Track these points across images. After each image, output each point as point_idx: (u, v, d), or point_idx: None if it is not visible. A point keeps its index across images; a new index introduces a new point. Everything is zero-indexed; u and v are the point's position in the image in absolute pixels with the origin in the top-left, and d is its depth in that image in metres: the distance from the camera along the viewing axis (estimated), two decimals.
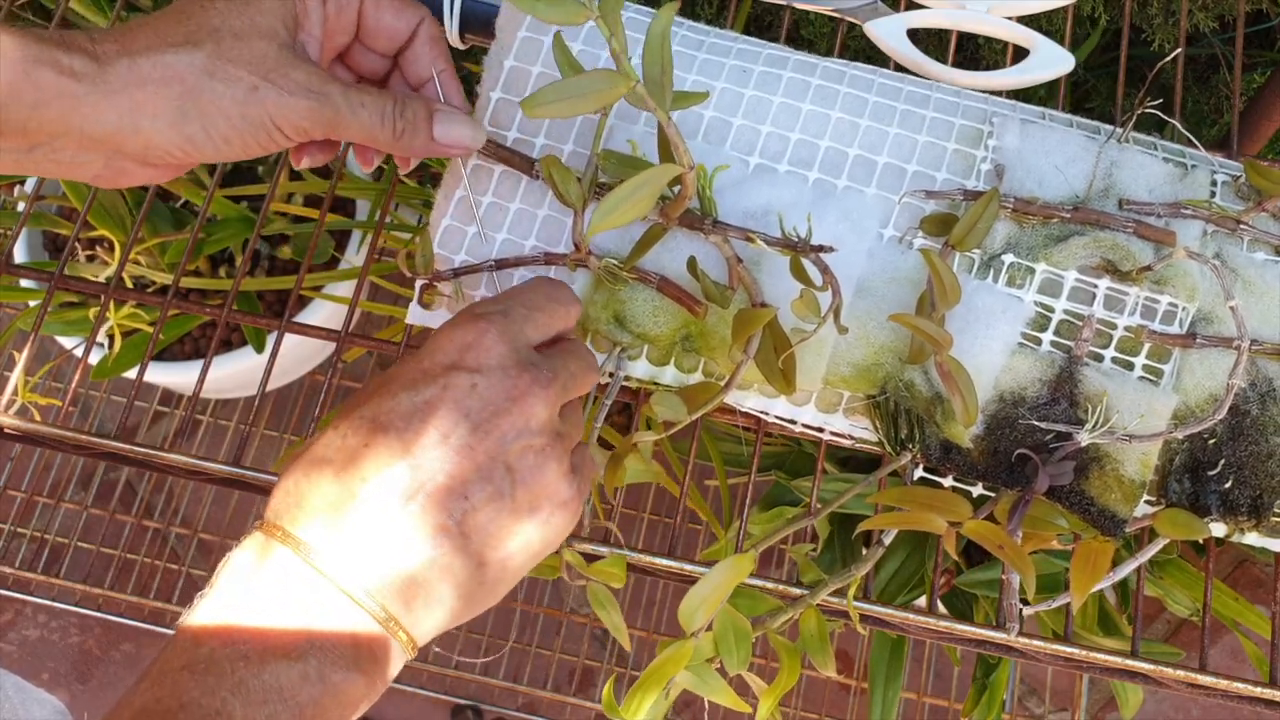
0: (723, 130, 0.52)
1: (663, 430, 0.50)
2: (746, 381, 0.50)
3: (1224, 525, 0.50)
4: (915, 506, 0.48)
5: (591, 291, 0.51)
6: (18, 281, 1.03)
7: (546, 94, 0.41)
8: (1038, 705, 1.30)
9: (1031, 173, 0.51)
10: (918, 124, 0.52)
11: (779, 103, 0.53)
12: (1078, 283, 0.49)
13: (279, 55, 0.45)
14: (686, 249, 0.50)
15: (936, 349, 0.45)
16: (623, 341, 0.51)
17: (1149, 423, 0.48)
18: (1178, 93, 0.61)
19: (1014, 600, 0.48)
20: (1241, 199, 0.52)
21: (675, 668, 0.48)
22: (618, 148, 0.51)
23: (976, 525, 0.47)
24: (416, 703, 1.32)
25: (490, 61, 0.54)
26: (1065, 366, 0.49)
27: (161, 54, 0.43)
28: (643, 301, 0.50)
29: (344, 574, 0.38)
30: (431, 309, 0.53)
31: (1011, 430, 0.49)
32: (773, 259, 0.50)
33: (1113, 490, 0.48)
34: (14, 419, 0.55)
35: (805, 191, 0.51)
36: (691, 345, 0.51)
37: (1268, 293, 0.50)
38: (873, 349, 0.50)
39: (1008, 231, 0.50)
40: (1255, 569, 1.32)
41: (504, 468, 0.40)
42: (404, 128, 0.47)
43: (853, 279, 0.50)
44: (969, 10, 0.59)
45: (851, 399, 0.51)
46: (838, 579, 0.50)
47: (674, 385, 0.52)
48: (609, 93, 0.41)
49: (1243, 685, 0.50)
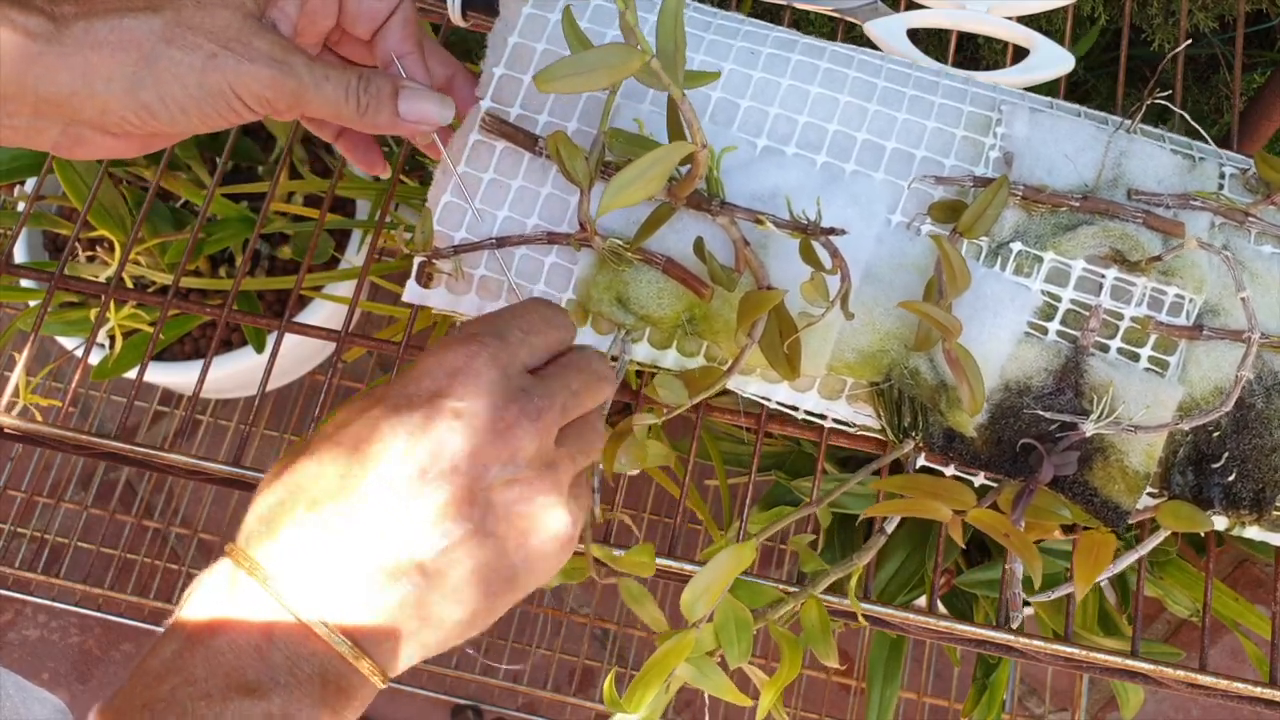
0: (730, 112, 0.52)
1: (663, 414, 0.49)
2: (749, 366, 0.50)
3: (1226, 518, 0.50)
4: (919, 494, 0.47)
5: (595, 272, 0.50)
6: (18, 281, 1.03)
7: (559, 68, 0.40)
8: (1038, 705, 1.30)
9: (1040, 161, 0.51)
10: (926, 110, 0.52)
11: (787, 85, 0.52)
12: (1085, 272, 0.49)
13: (242, 24, 0.44)
14: (693, 230, 0.49)
15: (945, 336, 0.45)
16: (625, 323, 0.50)
17: (1154, 414, 0.48)
18: (1178, 93, 0.61)
19: (1017, 591, 0.48)
20: (1250, 192, 0.52)
21: (677, 659, 0.47)
22: (623, 126, 0.51)
23: (981, 513, 0.46)
24: (416, 703, 1.32)
25: (494, 38, 0.54)
26: (1071, 356, 0.49)
27: (120, 18, 0.42)
28: (647, 283, 0.50)
29: (309, 607, 0.36)
30: (430, 287, 0.52)
31: (1016, 419, 0.48)
32: (780, 242, 0.49)
33: (1116, 481, 0.48)
34: (14, 419, 0.55)
35: (813, 175, 0.51)
36: (695, 328, 0.50)
37: (1274, 285, 0.50)
38: (878, 335, 0.49)
39: (1016, 219, 0.50)
40: (1255, 569, 1.32)
41: (484, 503, 0.38)
42: (368, 102, 0.47)
43: (861, 263, 0.49)
44: (969, 10, 0.59)
45: (855, 386, 0.50)
46: (839, 568, 0.50)
47: (676, 369, 0.51)
48: (622, 67, 0.40)
49: (1243, 685, 0.50)
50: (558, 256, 0.51)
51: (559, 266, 0.51)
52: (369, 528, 0.37)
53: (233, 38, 0.43)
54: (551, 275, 0.51)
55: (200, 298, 1.02)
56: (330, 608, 0.36)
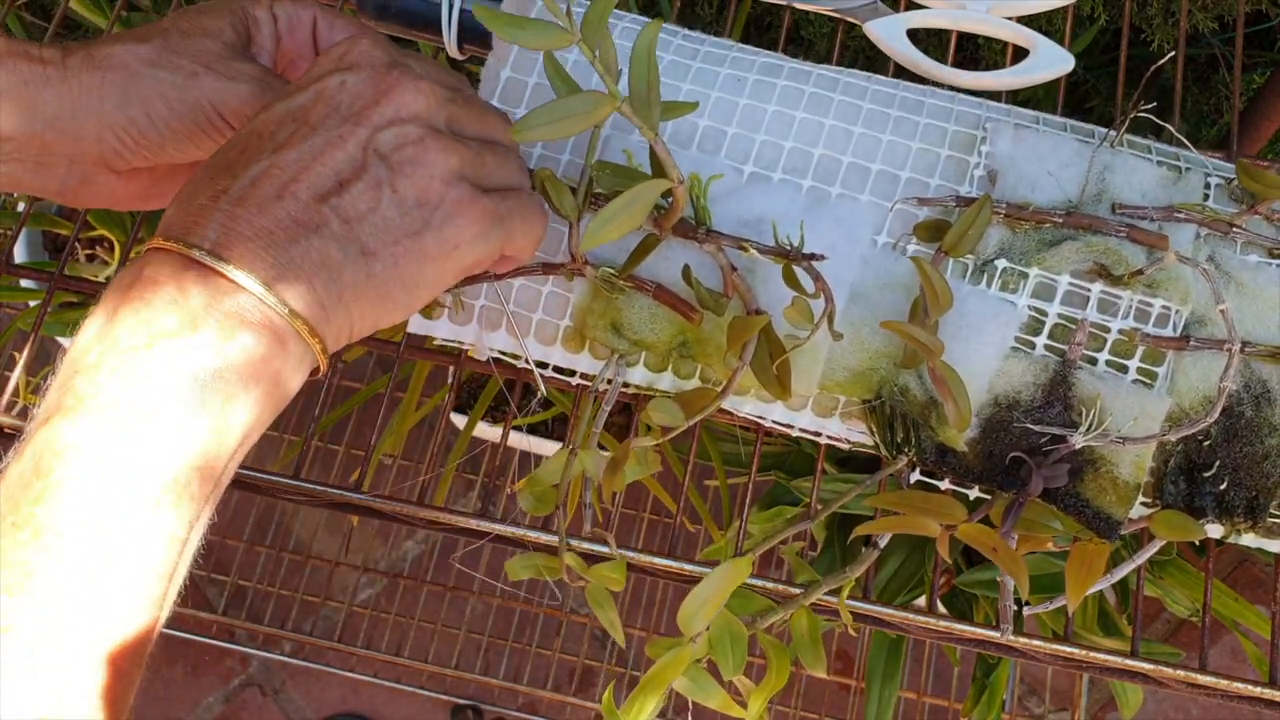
0: (717, 139, 0.53)
1: (660, 435, 0.50)
2: (743, 387, 0.51)
3: (1220, 526, 0.50)
4: (910, 510, 0.48)
5: (590, 299, 0.52)
6: (18, 281, 1.04)
7: (534, 118, 0.41)
8: (1038, 705, 1.30)
9: (1025, 178, 0.51)
10: (911, 130, 0.53)
11: (773, 110, 0.53)
12: (1071, 287, 0.49)
13: (224, 50, 0.47)
14: (681, 257, 0.50)
15: (928, 356, 0.46)
16: (620, 348, 0.51)
17: (1143, 425, 0.48)
18: (1177, 93, 0.61)
19: (1008, 603, 0.48)
20: (1235, 202, 0.52)
21: (674, 672, 0.48)
22: (614, 156, 0.52)
23: (970, 528, 0.47)
24: (417, 703, 1.33)
25: (487, 73, 0.55)
26: (1059, 370, 0.49)
27: (113, 45, 0.46)
28: (639, 309, 0.51)
29: (227, 266, 0.37)
30: (432, 318, 0.53)
31: (1006, 433, 0.49)
32: (767, 266, 0.50)
33: (1108, 493, 0.48)
34: (14, 419, 0.55)
35: (799, 199, 0.51)
36: (688, 351, 0.51)
37: (1261, 295, 0.50)
38: (867, 354, 0.50)
39: (1001, 237, 0.50)
40: (1255, 569, 1.32)
41: (377, 157, 0.40)
42: None
43: (847, 285, 0.50)
44: (969, 10, 0.59)
45: (848, 403, 0.51)
46: (832, 580, 0.50)
47: (671, 391, 0.52)
48: (596, 113, 0.42)
49: (1243, 685, 0.50)
50: (554, 285, 0.52)
51: (556, 295, 0.52)
52: (271, 189, 0.38)
53: (214, 60, 0.46)
54: (549, 303, 0.52)
55: None
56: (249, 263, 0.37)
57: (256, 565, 1.33)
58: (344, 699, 1.34)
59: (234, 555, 1.35)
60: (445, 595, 1.31)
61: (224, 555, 1.37)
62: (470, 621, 1.30)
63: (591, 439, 0.51)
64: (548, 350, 0.53)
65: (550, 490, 0.51)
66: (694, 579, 0.53)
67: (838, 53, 0.61)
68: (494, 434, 1.21)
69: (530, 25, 0.41)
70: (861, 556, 0.51)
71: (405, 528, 1.35)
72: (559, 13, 0.41)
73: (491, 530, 0.54)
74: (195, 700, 1.35)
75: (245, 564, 1.33)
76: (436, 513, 0.54)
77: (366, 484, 0.55)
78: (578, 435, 0.51)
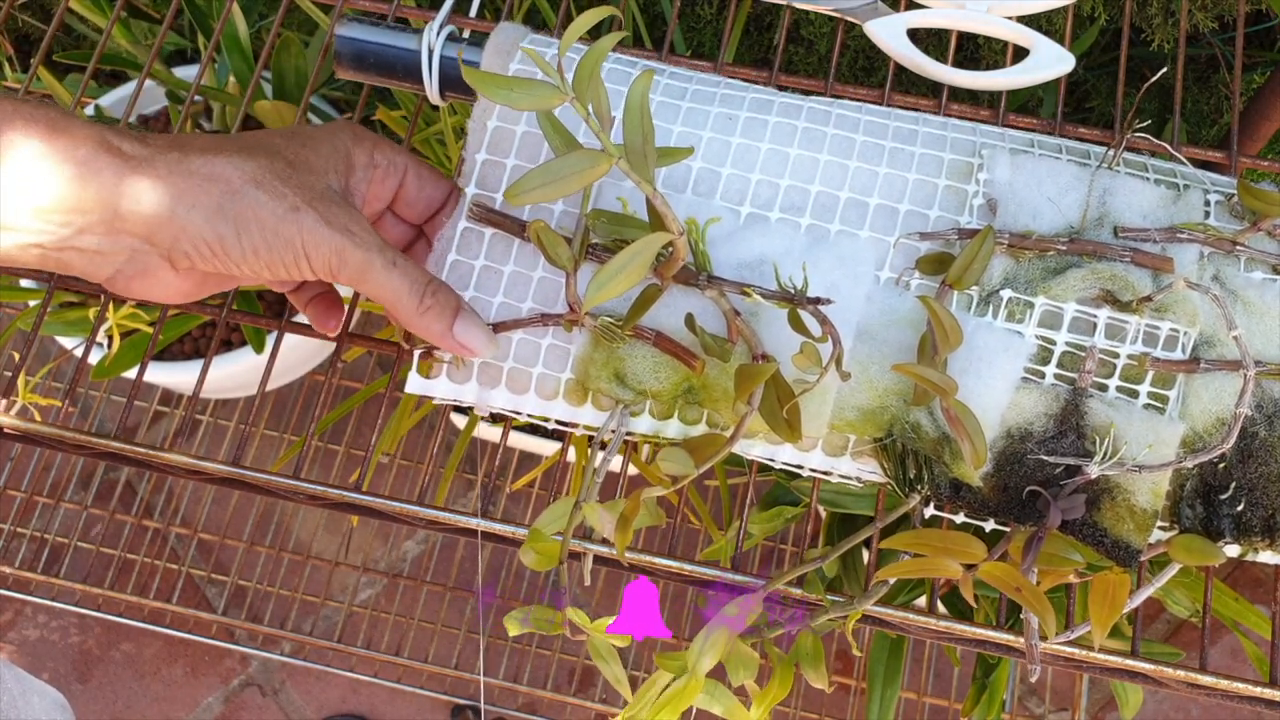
0: (712, 181, 0.52)
1: (670, 485, 0.49)
2: (752, 430, 0.50)
3: (1238, 547, 0.50)
4: (930, 550, 0.47)
5: (591, 350, 0.51)
6: (18, 281, 1.03)
7: (529, 180, 0.41)
8: (1038, 705, 1.30)
9: (1025, 206, 0.51)
10: (906, 161, 0.52)
11: (766, 148, 0.52)
12: (1078, 314, 0.49)
13: (326, 191, 0.46)
14: (683, 305, 0.50)
15: (942, 395, 0.45)
16: (625, 399, 0.50)
17: (1158, 452, 0.47)
18: (1178, 93, 0.61)
19: (1034, 641, 0.48)
20: (1236, 217, 0.52)
21: (687, 701, 0.48)
22: (608, 204, 0.51)
23: (992, 568, 0.46)
24: (417, 703, 1.33)
25: (474, 123, 0.53)
26: (1070, 399, 0.48)
27: (215, 155, 0.44)
28: (642, 358, 0.50)
29: None
30: (430, 377, 0.52)
31: (1020, 465, 0.48)
32: (771, 309, 0.49)
33: (1125, 521, 0.48)
34: (14, 419, 0.55)
35: (799, 239, 0.51)
36: (695, 398, 0.50)
37: (1268, 312, 0.50)
38: (877, 393, 0.49)
39: (1004, 266, 0.50)
40: (1255, 569, 1.32)
41: None
42: (431, 306, 0.48)
43: (852, 324, 0.49)
44: (969, 10, 0.59)
45: (858, 442, 0.50)
46: (838, 609, 0.50)
47: (678, 437, 0.51)
48: (591, 172, 0.41)
49: (1243, 685, 0.50)
50: (554, 338, 0.51)
51: (556, 347, 0.51)
52: None
53: (316, 199, 0.45)
54: (549, 356, 0.51)
55: None
56: None
57: (256, 565, 1.33)
58: (344, 699, 1.34)
59: (234, 555, 1.35)
60: (445, 595, 1.31)
61: (224, 555, 1.37)
62: (470, 621, 1.30)
63: (593, 490, 0.49)
64: (549, 405, 0.52)
65: (553, 546, 0.49)
66: (694, 579, 0.53)
67: (837, 53, 0.61)
68: (494, 434, 1.21)
69: (520, 85, 0.40)
70: (869, 592, 0.50)
71: (405, 528, 1.35)
72: (551, 71, 0.40)
73: (492, 530, 0.54)
74: (195, 700, 1.35)
75: (245, 564, 1.33)
76: (436, 513, 0.54)
77: (366, 484, 0.55)
78: (579, 487, 0.49)
